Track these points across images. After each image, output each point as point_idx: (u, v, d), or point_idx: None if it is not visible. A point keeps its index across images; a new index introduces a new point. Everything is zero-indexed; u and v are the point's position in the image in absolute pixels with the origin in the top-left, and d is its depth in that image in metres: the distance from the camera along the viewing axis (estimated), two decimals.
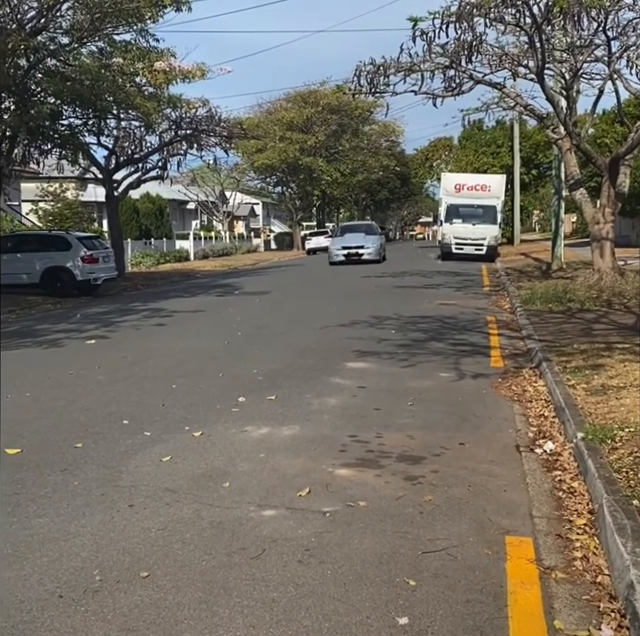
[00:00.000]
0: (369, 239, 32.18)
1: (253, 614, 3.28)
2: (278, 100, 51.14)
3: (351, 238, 32.20)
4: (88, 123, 22.73)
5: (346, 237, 32.56)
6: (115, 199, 27.20)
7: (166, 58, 20.80)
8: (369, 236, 32.60)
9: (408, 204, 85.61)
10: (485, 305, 15.04)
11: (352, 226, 37.55)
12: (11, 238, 22.78)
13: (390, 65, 16.50)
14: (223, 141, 27.98)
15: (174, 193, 49.34)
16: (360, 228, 35.32)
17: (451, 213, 32.42)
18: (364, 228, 34.95)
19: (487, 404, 7.03)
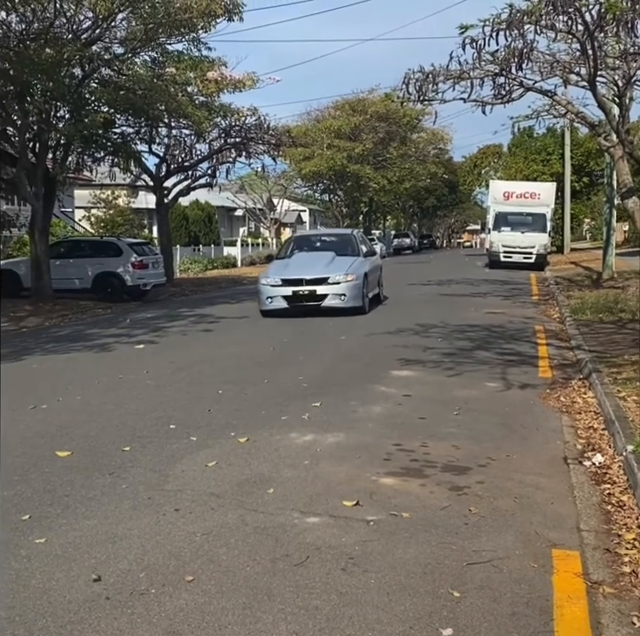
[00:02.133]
0: (339, 265, 15.77)
1: (297, 621, 3.29)
2: (327, 108, 51.30)
3: (304, 262, 16.21)
4: (140, 131, 23.13)
5: (295, 260, 16.54)
6: (165, 206, 27.58)
7: (217, 67, 21.04)
8: (341, 260, 16.08)
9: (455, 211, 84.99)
10: (533, 314, 14.84)
11: (313, 238, 19.35)
12: (64, 244, 23.27)
13: (439, 73, 16.40)
14: (272, 148, 28.15)
15: (222, 200, 49.79)
16: (328, 243, 17.92)
17: (500, 221, 32.06)
18: (336, 243, 17.54)
19: (534, 415, 6.94)
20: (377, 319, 14.46)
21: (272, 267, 16.56)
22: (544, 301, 17.47)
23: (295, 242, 18.45)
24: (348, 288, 15.10)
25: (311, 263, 15.91)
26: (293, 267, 15.84)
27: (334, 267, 15.51)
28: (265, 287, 15.41)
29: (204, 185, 29.07)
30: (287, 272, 15.54)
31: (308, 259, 16.28)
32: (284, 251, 18.02)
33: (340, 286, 15.07)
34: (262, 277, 15.76)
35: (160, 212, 27.76)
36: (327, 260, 15.91)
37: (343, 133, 48.98)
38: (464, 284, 22.12)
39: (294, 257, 16.68)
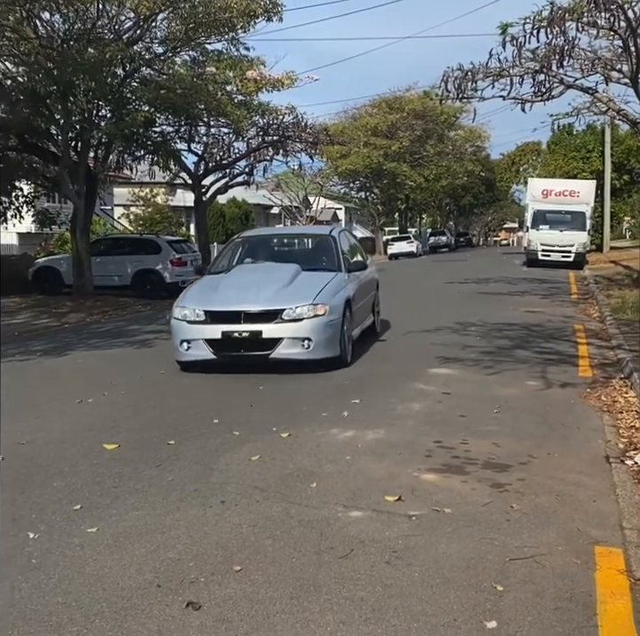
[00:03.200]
0: (304, 288, 9.60)
1: (343, 611, 3.37)
2: (363, 106, 51.28)
3: (246, 283, 9.89)
4: (180, 130, 23.39)
5: (233, 279, 10.20)
6: (203, 204, 27.83)
7: (256, 66, 21.18)
8: (308, 279, 9.94)
9: (492, 209, 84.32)
10: (572, 313, 14.73)
11: (271, 240, 12.44)
12: (104, 241, 23.64)
13: (478, 71, 16.34)
14: (309, 147, 28.22)
15: (258, 198, 50.04)
16: (294, 250, 12.38)
17: (538, 219, 31.76)
18: (306, 250, 12.13)
19: (575, 414, 6.92)
20: (413, 317, 14.32)
21: (193, 290, 10.06)
22: (584, 300, 17.32)
23: (243, 246, 11.43)
24: (317, 328, 8.95)
25: (258, 284, 9.56)
26: (228, 290, 9.52)
27: (295, 292, 9.34)
28: (179, 324, 9.23)
29: (241, 183, 29.28)
30: (216, 299, 9.33)
31: (253, 278, 9.92)
32: (222, 261, 11.24)
33: (303, 325, 8.92)
34: (176, 306, 9.49)
35: (198, 209, 28.01)
36: (284, 280, 9.66)
37: (380, 131, 48.94)
38: (501, 283, 21.99)
39: (233, 272, 10.33)
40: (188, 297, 9.70)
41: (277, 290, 9.39)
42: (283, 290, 9.39)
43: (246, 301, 9.12)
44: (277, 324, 8.94)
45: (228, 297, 9.31)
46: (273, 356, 8.90)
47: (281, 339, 8.89)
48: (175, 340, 9.30)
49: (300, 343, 8.93)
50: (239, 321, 8.98)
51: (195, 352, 9.09)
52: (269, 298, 9.19)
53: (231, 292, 9.42)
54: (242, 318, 8.99)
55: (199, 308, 9.18)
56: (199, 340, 9.04)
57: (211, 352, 9.00)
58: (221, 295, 9.41)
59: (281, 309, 8.99)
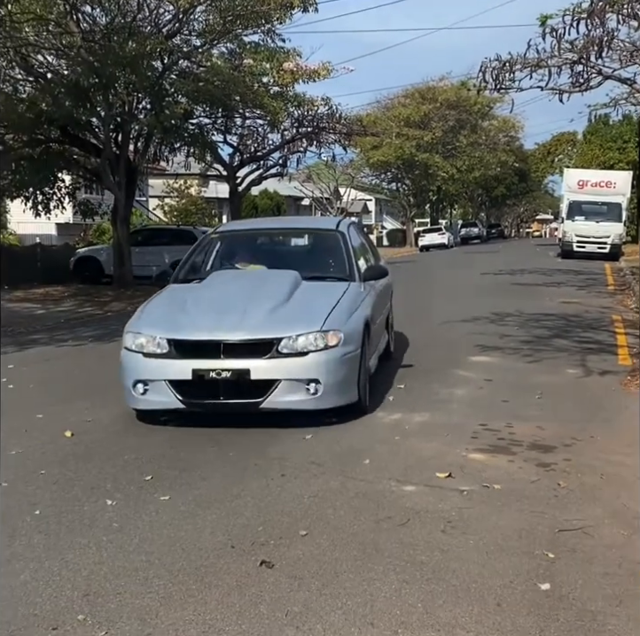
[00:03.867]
0: (308, 307, 6.73)
1: (405, 572, 3.62)
2: (396, 96, 51.25)
3: (228, 298, 6.90)
4: (216, 122, 23.73)
5: (210, 291, 7.17)
6: (238, 196, 28.18)
7: (292, 57, 21.44)
8: (313, 292, 7.08)
9: (525, 200, 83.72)
10: (610, 304, 14.79)
11: (259, 237, 9.20)
12: (142, 232, 24.07)
13: (516, 61, 16.41)
14: (343, 138, 28.41)
15: (290, 190, 50.35)
16: (291, 250, 9.10)
17: (573, 210, 31.64)
18: (307, 252, 8.86)
19: (616, 400, 7.09)
20: (450, 307, 14.46)
21: (151, 308, 7.09)
22: (620, 291, 17.34)
23: (221, 245, 8.48)
24: (328, 365, 6.33)
25: (243, 301, 6.78)
26: (201, 309, 6.74)
27: (295, 314, 6.64)
28: (132, 357, 6.49)
29: (275, 175, 29.58)
30: (185, 323, 6.55)
31: (236, 292, 7.11)
32: (192, 265, 8.09)
33: (308, 361, 6.30)
34: (127, 332, 6.68)
35: (233, 201, 28.36)
36: (280, 295, 6.91)
37: (412, 121, 48.89)
38: (536, 274, 22.01)
39: (208, 283, 7.40)
40: (145, 318, 6.70)
41: (271, 310, 6.46)
42: (278, 311, 6.48)
43: (228, 326, 6.24)
44: (272, 360, 6.07)
45: (201, 319, 6.40)
46: (265, 405, 6.08)
47: (277, 381, 6.07)
48: (125, 379, 6.37)
49: (303, 386, 6.13)
50: (218, 356, 6.08)
51: (155, 398, 6.23)
52: (260, 322, 6.31)
53: (206, 313, 6.48)
54: (222, 351, 6.10)
55: (161, 336, 6.25)
56: (160, 381, 6.16)
57: (178, 398, 6.11)
58: (191, 317, 6.48)
59: (277, 338, 6.12)
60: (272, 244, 9.10)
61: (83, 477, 5.04)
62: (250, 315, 6.39)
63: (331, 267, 7.86)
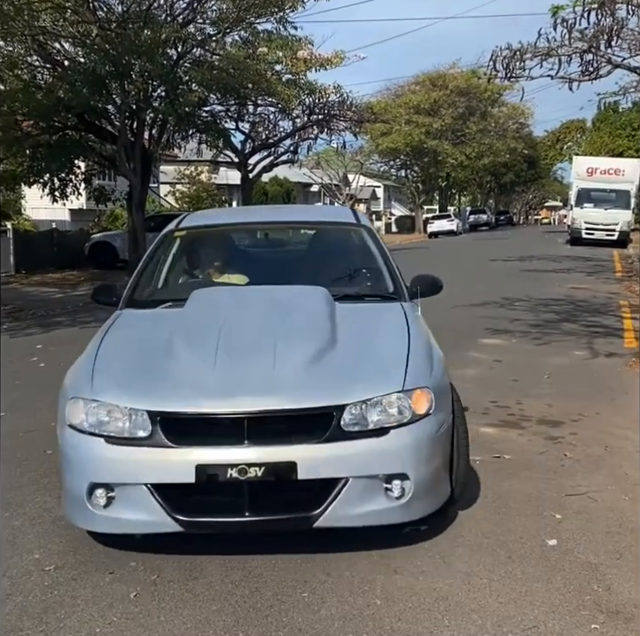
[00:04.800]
0: (368, 347, 4.13)
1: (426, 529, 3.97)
2: (407, 84, 51.32)
3: (241, 338, 4.06)
4: (229, 110, 24.01)
5: (209, 322, 4.24)
6: (250, 182, 28.48)
7: (304, 46, 21.68)
8: (360, 317, 4.58)
9: (534, 187, 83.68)
10: (617, 290, 15.08)
11: (242, 233, 6.19)
12: (156, 219, 24.37)
13: (527, 50, 16.63)
14: (353, 125, 28.62)
15: (299, 176, 50.55)
16: (293, 253, 6.11)
17: (582, 197, 31.88)
18: (317, 258, 5.70)
19: (622, 380, 7.42)
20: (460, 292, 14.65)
21: (110, 350, 4.22)
22: (628, 278, 17.62)
23: (190, 245, 5.76)
24: (419, 448, 3.73)
25: (266, 340, 4.02)
26: (199, 355, 3.94)
27: (354, 361, 3.98)
28: (84, 443, 3.72)
29: (286, 161, 29.87)
30: (176, 379, 3.82)
31: (251, 323, 4.29)
32: (154, 274, 5.38)
33: (390, 443, 3.65)
34: (74, 397, 3.84)
35: (244, 187, 28.67)
36: (320, 328, 4.19)
37: (422, 108, 49.00)
38: (545, 260, 22.28)
39: (196, 306, 4.55)
40: (102, 371, 3.99)
41: (314, 355, 3.92)
42: (326, 357, 3.94)
43: (252, 387, 3.70)
44: (332, 444, 3.61)
45: (204, 374, 3.80)
46: (323, 522, 3.63)
47: (342, 481, 3.62)
48: (71, 481, 3.82)
49: (381, 487, 3.68)
50: (240, 440, 3.60)
51: (127, 515, 3.67)
52: (303, 378, 3.77)
53: (210, 363, 3.86)
54: (246, 431, 3.60)
55: (137, 405, 3.69)
56: (137, 486, 3.64)
57: (170, 516, 3.61)
58: (185, 369, 3.87)
59: (337, 407, 3.64)
60: (265, 245, 6.29)
61: None
62: (284, 366, 3.76)
63: (363, 281, 5.33)
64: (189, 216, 6.22)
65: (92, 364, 4.05)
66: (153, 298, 5.09)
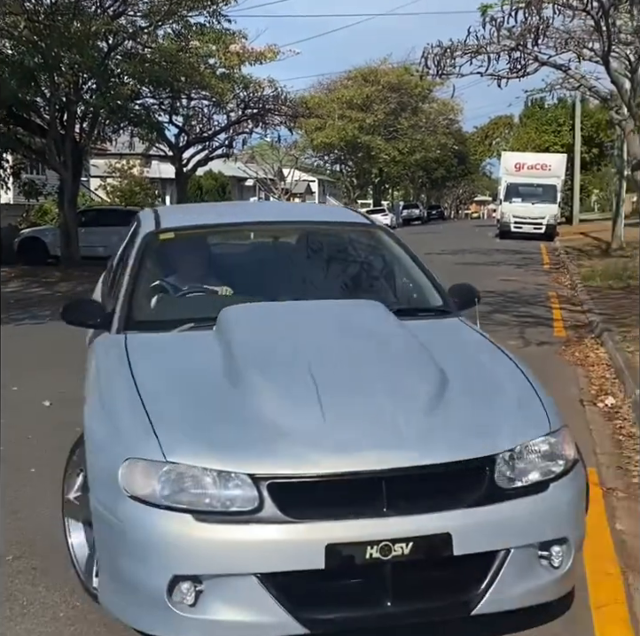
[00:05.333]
0: (488, 381, 3.39)
1: None
2: (339, 79, 51.61)
3: (328, 392, 3.02)
4: (163, 103, 23.78)
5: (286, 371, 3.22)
6: (184, 176, 28.25)
7: (238, 39, 21.64)
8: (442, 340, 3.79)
9: (464, 182, 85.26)
10: (546, 281, 15.59)
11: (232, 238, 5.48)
12: (89, 213, 24.05)
13: (457, 48, 17.00)
14: (288, 119, 28.67)
15: (233, 170, 50.34)
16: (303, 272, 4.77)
17: (511, 191, 32.72)
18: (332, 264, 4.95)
19: (552, 367, 7.73)
20: None
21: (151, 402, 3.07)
22: (556, 270, 18.21)
23: (180, 250, 4.67)
24: (576, 503, 3.10)
25: (365, 374, 3.23)
26: (294, 395, 3.06)
27: (483, 400, 3.20)
28: (158, 521, 2.74)
29: (221, 155, 29.75)
30: (281, 429, 2.87)
31: (334, 352, 3.44)
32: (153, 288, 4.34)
33: (550, 498, 2.95)
34: (130, 456, 2.84)
35: (179, 181, 28.40)
36: (422, 359, 3.37)
37: (355, 103, 49.37)
38: (476, 254, 22.81)
39: (246, 337, 3.56)
40: (162, 419, 2.96)
41: (434, 396, 3.10)
42: (444, 395, 3.13)
43: (377, 435, 2.87)
44: (487, 507, 2.84)
45: (309, 420, 2.91)
46: (484, 607, 2.86)
47: (502, 554, 2.87)
48: (138, 574, 2.78)
49: (536, 556, 2.96)
50: (379, 509, 2.74)
51: (225, 616, 2.73)
52: (432, 422, 2.98)
53: (311, 404, 2.96)
54: (385, 495, 2.75)
55: (234, 466, 2.76)
56: (241, 578, 2.70)
57: (291, 614, 2.70)
58: (279, 411, 2.96)
59: (487, 458, 2.89)
60: (273, 249, 5.13)
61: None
62: (405, 409, 3.00)
63: (406, 292, 4.65)
64: (165, 214, 5.08)
65: (142, 410, 2.97)
66: (162, 319, 4.05)
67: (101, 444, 3.07)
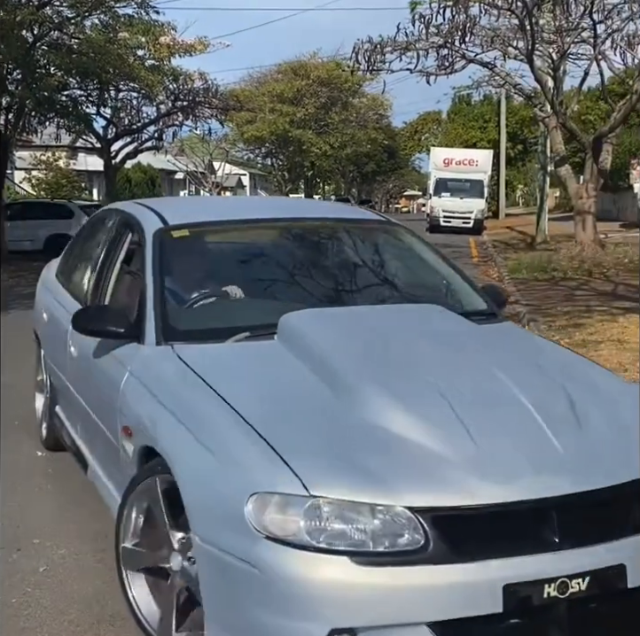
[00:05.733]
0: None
1: None
2: (270, 72, 51.50)
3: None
4: (91, 95, 23.36)
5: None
6: (113, 169, 27.84)
7: (167, 31, 21.43)
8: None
9: (394, 177, 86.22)
10: (475, 274, 15.93)
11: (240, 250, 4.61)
12: (15, 206, 23.48)
13: (387, 44, 17.29)
14: (219, 112, 28.53)
15: (163, 163, 49.72)
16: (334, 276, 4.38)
17: (440, 186, 33.35)
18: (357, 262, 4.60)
19: None
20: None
21: (264, 425, 2.64)
22: (484, 263, 18.69)
23: (204, 250, 4.46)
24: None
25: (501, 403, 2.84)
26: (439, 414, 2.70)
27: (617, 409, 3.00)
28: (304, 565, 2.34)
29: (150, 148, 29.44)
30: (417, 468, 2.51)
31: (460, 379, 2.96)
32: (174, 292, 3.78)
33: None
34: (262, 490, 2.42)
35: (108, 174, 28.00)
36: (551, 364, 3.33)
37: (286, 97, 49.39)
38: None
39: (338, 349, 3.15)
40: (289, 446, 2.53)
41: (572, 410, 2.87)
42: (581, 412, 2.87)
43: (533, 459, 2.58)
44: None
45: (458, 443, 2.58)
46: None
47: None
48: (280, 626, 2.37)
49: None
50: (551, 540, 2.47)
51: None
52: (585, 441, 2.76)
53: (454, 424, 2.64)
54: (556, 525, 2.48)
55: (388, 499, 2.39)
56: (409, 628, 2.35)
57: None
58: (419, 433, 2.61)
59: None
60: (295, 249, 4.57)
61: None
62: (555, 428, 2.72)
63: (449, 294, 4.25)
64: (166, 208, 4.39)
65: (256, 435, 2.57)
66: (207, 327, 3.56)
67: (207, 476, 2.58)
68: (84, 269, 4.79)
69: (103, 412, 3.60)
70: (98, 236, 4.80)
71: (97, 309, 3.89)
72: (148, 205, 4.49)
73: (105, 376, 3.59)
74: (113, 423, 3.34)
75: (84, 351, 3.89)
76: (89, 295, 4.35)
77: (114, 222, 4.55)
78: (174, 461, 2.71)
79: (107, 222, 4.74)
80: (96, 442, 3.82)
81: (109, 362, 3.57)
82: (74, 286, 4.85)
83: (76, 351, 4.08)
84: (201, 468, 2.61)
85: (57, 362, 4.68)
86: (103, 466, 3.71)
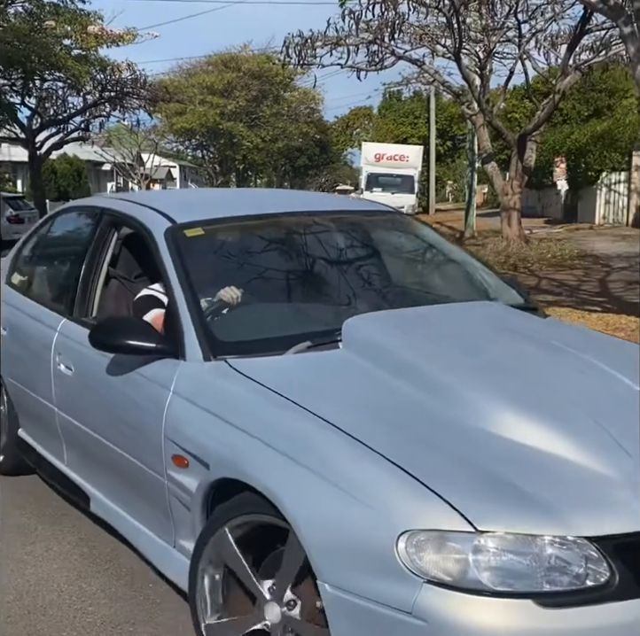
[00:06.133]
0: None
1: None
2: (199, 64, 50.97)
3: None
4: (15, 84, 22.72)
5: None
6: (39, 160, 27.15)
7: (94, 20, 21.01)
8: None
9: (326, 171, 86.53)
10: None
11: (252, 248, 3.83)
12: None
13: (317, 38, 17.34)
14: (147, 103, 28.11)
15: (89, 154, 48.70)
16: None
17: (371, 181, 33.66)
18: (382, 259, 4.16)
19: None
20: None
21: (396, 456, 2.28)
22: None
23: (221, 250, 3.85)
24: None
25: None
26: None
27: None
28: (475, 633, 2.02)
29: (77, 139, 28.80)
30: (579, 494, 2.22)
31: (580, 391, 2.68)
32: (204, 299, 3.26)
33: None
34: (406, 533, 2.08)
35: (33, 166, 27.27)
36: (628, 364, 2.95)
37: (216, 89, 48.99)
38: None
39: (433, 360, 2.79)
40: (435, 476, 2.19)
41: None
42: None
43: None
44: None
45: (611, 460, 2.31)
46: None
47: None
48: None
49: None
50: None
51: None
52: None
53: (605, 441, 2.38)
54: None
55: (562, 529, 2.09)
56: None
57: None
58: (569, 452, 2.33)
59: None
60: (312, 245, 4.02)
61: None
62: None
63: (483, 288, 3.97)
64: (162, 204, 3.83)
65: (386, 462, 2.24)
66: (258, 338, 3.11)
67: (336, 514, 2.21)
68: (61, 276, 4.29)
69: (128, 438, 3.12)
70: (75, 239, 4.30)
71: (118, 322, 3.39)
72: (138, 201, 4.01)
73: (129, 398, 3.13)
74: (150, 452, 2.90)
75: (88, 368, 3.40)
76: (75, 305, 3.81)
77: (97, 222, 3.96)
78: (283, 498, 2.30)
79: (85, 222, 4.21)
80: (109, 473, 3.33)
81: (135, 381, 3.09)
82: (47, 295, 4.31)
83: (72, 368, 3.54)
84: (327, 505, 2.23)
85: (26, 382, 4.10)
86: (122, 499, 3.28)
